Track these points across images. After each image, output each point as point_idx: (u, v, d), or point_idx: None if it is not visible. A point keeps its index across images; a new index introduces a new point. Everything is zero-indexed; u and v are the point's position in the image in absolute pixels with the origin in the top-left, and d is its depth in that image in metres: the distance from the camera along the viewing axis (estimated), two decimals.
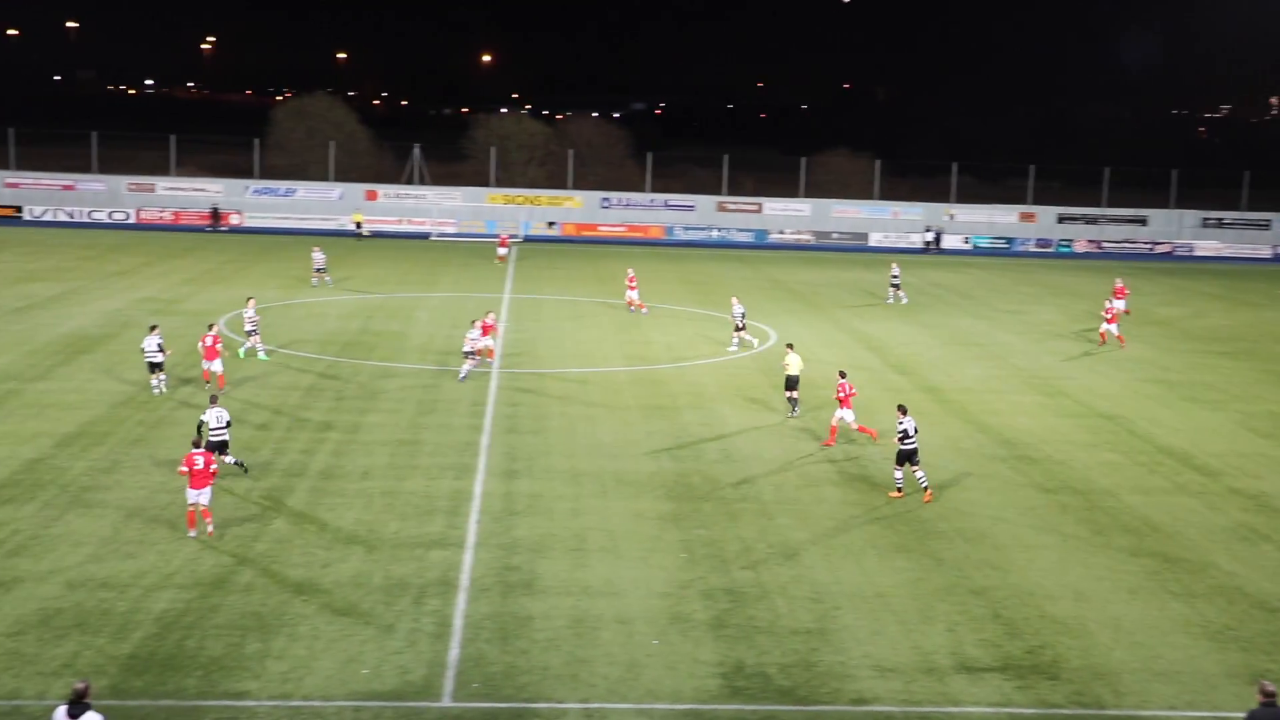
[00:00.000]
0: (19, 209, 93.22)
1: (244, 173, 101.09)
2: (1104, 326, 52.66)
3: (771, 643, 20.32)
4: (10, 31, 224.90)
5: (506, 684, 18.35)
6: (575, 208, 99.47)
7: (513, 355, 44.72)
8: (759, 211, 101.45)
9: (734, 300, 49.05)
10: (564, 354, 44.63)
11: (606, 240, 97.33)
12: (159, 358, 35.61)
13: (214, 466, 24.65)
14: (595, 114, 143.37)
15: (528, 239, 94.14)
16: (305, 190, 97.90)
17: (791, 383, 35.46)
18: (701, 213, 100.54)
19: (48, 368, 40.40)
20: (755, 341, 47.43)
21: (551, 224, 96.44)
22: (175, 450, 30.99)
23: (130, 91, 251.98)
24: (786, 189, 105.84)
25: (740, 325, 46.55)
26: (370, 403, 36.82)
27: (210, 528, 24.62)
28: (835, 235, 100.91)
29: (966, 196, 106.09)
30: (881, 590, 23.07)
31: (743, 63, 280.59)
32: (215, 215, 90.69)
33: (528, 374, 41.88)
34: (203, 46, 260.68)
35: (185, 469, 24.03)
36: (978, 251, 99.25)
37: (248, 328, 41.23)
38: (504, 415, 36.11)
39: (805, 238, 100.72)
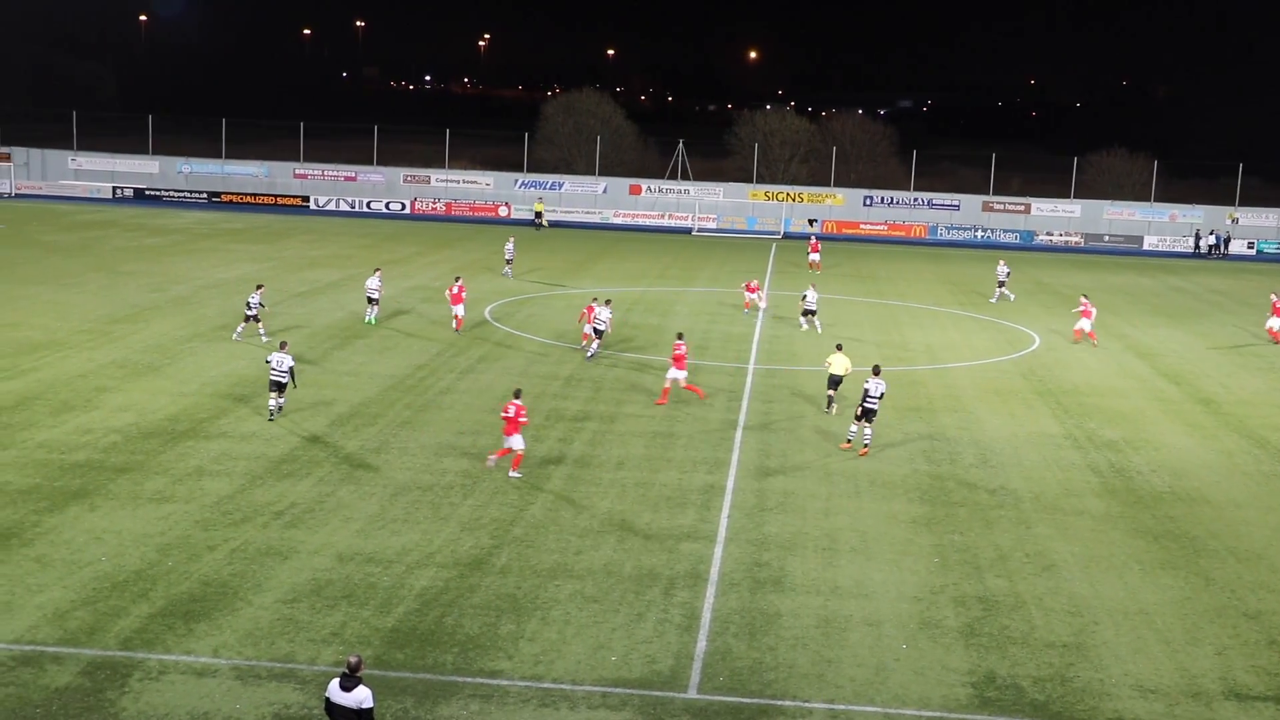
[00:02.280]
0: (306, 199, 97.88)
1: (514, 166, 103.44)
2: None
3: (1026, 654, 19.61)
4: (304, 31, 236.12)
5: (752, 679, 18.09)
6: (837, 205, 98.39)
7: (770, 352, 44.22)
8: (1026, 212, 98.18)
9: (1000, 263, 55.73)
10: (821, 352, 43.39)
11: (868, 239, 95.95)
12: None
13: (523, 417, 26.74)
14: (860, 111, 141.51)
15: (786, 236, 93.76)
16: (571, 184, 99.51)
17: (833, 382, 34.02)
18: (966, 212, 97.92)
19: (325, 350, 41.32)
20: (1012, 296, 51.77)
21: (812, 221, 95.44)
22: (438, 435, 31.56)
23: (410, 87, 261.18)
24: (1055, 189, 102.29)
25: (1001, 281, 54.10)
26: (626, 394, 36.15)
27: (515, 473, 26.71)
28: (1107, 238, 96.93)
29: (1252, 199, 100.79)
30: (1145, 607, 22.04)
31: (1014, 59, 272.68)
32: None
33: (783, 370, 41.21)
34: (479, 43, 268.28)
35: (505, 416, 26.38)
36: (1263, 257, 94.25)
37: (371, 295, 44.49)
38: (758, 411, 35.22)
39: (1074, 240, 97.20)
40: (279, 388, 30.93)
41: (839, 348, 35.27)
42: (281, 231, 78.65)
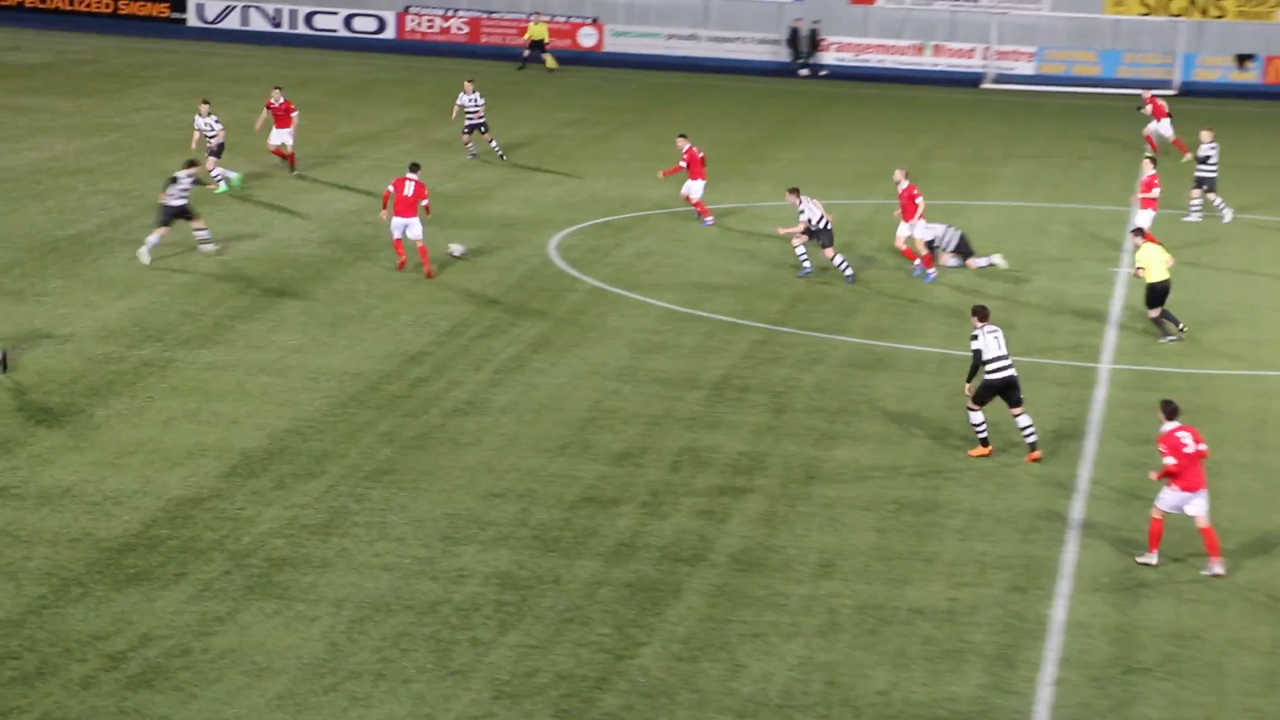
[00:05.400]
0: (180, 6, 75.42)
1: None
2: None
3: None
4: None
5: None
6: None
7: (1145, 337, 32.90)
8: None
9: None
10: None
11: None
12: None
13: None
14: None
15: (1186, 90, 70.61)
16: None
17: (1158, 295, 31.25)
18: None
19: (213, 317, 31.27)
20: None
21: (1246, 59, 69.47)
22: (448, 500, 22.10)
23: None
24: None
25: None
26: (842, 419, 28.23)
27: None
28: None
29: None
30: None
31: None
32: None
33: (1169, 374, 30.63)
34: None
35: None
36: None
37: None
38: (1115, 464, 26.05)
39: None
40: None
41: (1140, 233, 32.18)
42: (127, 73, 62.24)
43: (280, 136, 41.25)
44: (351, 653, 17.74)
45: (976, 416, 24.51)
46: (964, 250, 37.05)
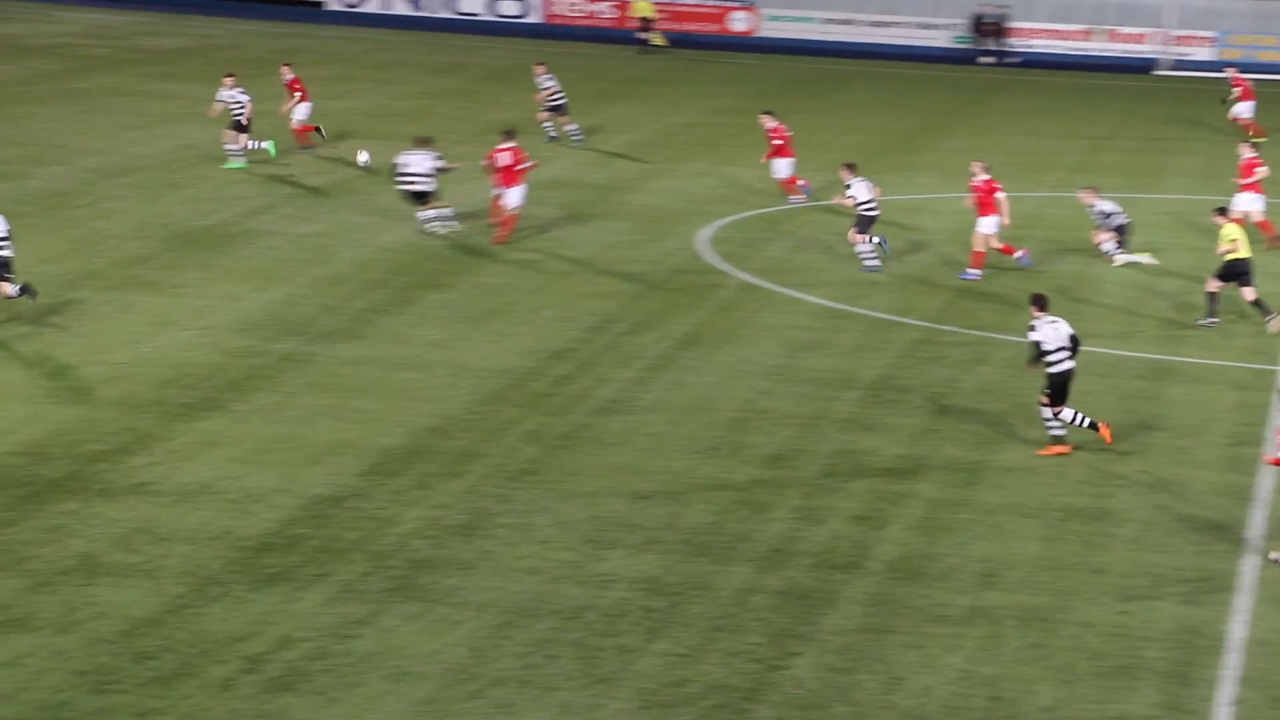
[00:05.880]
0: None
1: None
2: None
3: None
4: None
5: None
6: None
7: None
8: None
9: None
10: None
11: None
12: None
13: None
14: None
15: None
16: None
17: (1233, 271, 31.12)
18: None
19: (352, 312, 32.31)
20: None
21: None
22: (593, 503, 22.57)
23: None
24: None
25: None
26: (1005, 423, 28.73)
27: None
28: None
29: None
30: None
31: None
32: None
33: None
34: None
35: None
36: None
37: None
38: None
39: None
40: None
41: (1223, 212, 32.27)
42: (265, 58, 61.10)
43: (302, 112, 42.49)
44: (495, 658, 17.92)
45: (1066, 415, 24.96)
46: (1122, 238, 37.02)
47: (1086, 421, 25.08)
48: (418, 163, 36.06)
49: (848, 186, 35.54)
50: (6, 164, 41.08)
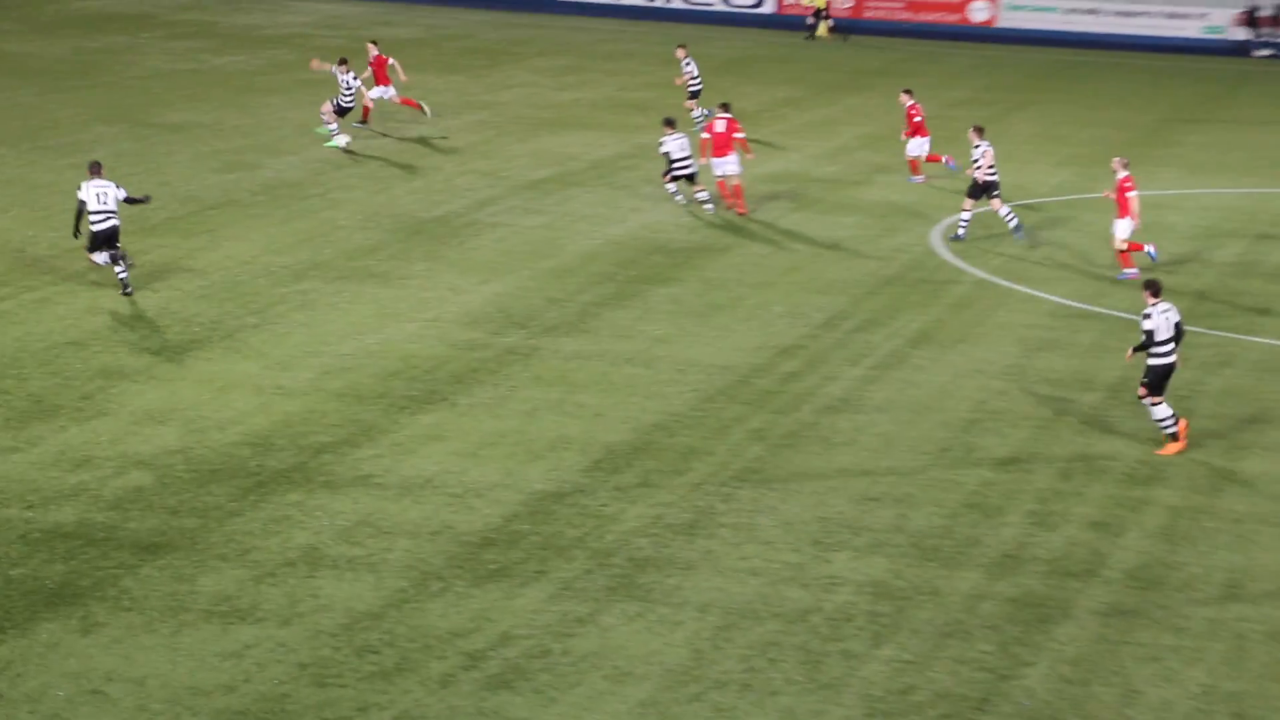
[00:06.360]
0: None
1: None
2: None
3: None
4: None
5: None
6: None
7: None
8: None
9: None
10: None
11: None
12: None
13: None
14: None
15: None
16: None
17: None
18: None
19: (579, 304, 32.23)
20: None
21: None
22: (821, 503, 22.21)
23: None
24: None
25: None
26: (1246, 425, 28.06)
27: None
28: None
29: None
30: None
31: None
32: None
33: None
34: None
35: None
36: None
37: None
38: None
39: None
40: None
41: None
42: (496, 49, 63.43)
43: (379, 92, 43.29)
44: (716, 661, 17.79)
45: (1161, 411, 24.07)
46: None
47: (1171, 428, 24.70)
48: (679, 147, 37.19)
49: (976, 147, 36.00)
50: (238, 153, 41.79)
